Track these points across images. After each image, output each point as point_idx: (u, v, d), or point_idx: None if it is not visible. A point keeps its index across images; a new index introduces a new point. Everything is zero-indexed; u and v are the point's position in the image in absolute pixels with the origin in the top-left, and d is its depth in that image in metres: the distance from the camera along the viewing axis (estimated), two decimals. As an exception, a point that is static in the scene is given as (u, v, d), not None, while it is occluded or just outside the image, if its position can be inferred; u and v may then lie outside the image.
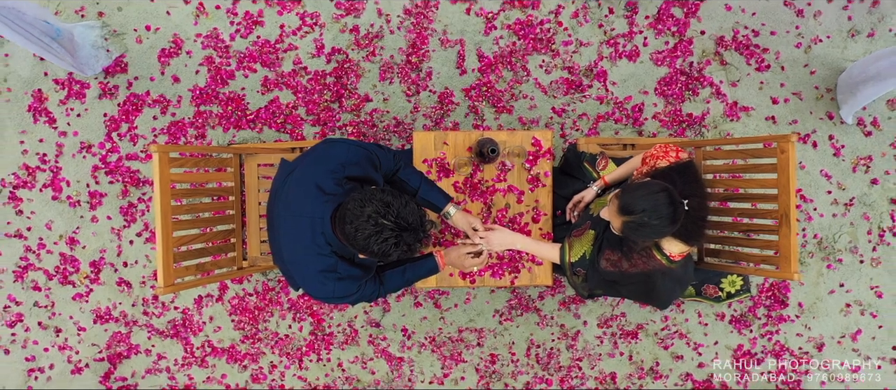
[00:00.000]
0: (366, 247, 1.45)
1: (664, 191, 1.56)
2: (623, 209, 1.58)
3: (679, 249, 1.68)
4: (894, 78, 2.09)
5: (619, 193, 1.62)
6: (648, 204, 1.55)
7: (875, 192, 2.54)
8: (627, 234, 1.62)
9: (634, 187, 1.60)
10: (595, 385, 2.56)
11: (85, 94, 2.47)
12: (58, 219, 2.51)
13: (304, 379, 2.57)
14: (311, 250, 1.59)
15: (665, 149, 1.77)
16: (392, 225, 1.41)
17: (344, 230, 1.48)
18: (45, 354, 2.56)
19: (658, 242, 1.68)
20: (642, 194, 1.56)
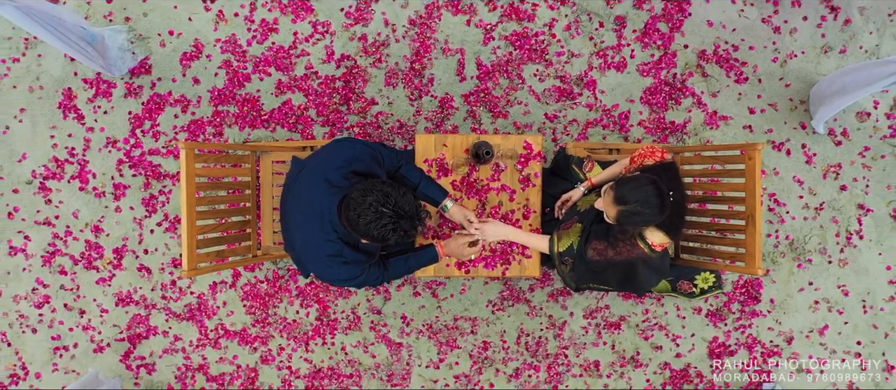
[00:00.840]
0: (367, 232, 1.64)
1: (653, 183, 1.76)
2: (618, 199, 1.77)
3: (660, 240, 1.87)
4: (857, 91, 2.28)
5: (613, 186, 1.82)
6: (641, 195, 1.74)
7: (844, 198, 2.73)
8: (622, 222, 1.81)
9: (628, 181, 1.80)
10: (580, 372, 2.76)
11: (111, 93, 2.67)
12: (84, 208, 2.71)
13: (310, 361, 2.76)
14: (320, 237, 1.79)
15: (652, 150, 1.96)
16: (390, 213, 1.61)
17: (348, 217, 1.67)
18: (69, 334, 2.75)
19: (642, 233, 1.87)
20: (635, 187, 1.76)
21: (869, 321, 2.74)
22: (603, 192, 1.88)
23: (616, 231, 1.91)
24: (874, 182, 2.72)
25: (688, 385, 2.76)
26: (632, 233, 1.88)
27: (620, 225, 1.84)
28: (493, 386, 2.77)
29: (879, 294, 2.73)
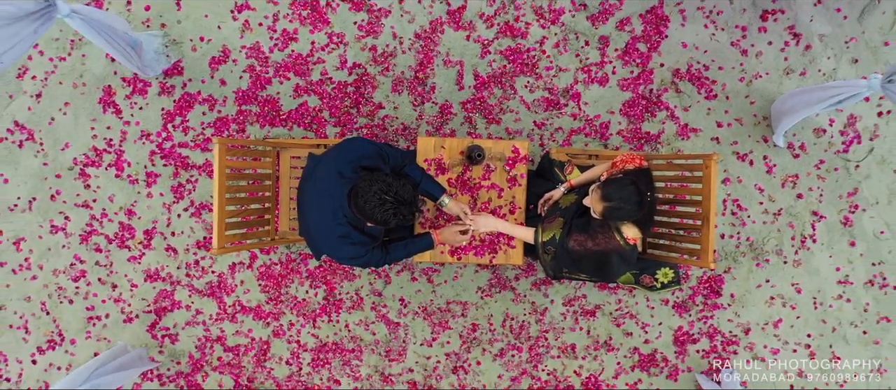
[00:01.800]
0: (372, 216, 1.96)
1: (634, 184, 2.07)
2: (604, 197, 2.08)
3: (634, 234, 2.18)
4: (803, 110, 2.59)
5: (600, 186, 2.12)
6: (624, 194, 2.05)
7: (800, 205, 3.04)
8: (606, 216, 2.12)
9: (613, 182, 2.10)
10: (558, 353, 3.07)
11: (147, 91, 2.99)
12: (119, 193, 3.02)
13: (317, 336, 3.08)
14: (332, 221, 2.10)
15: (632, 157, 2.27)
16: (392, 199, 1.92)
17: (356, 203, 1.99)
18: (102, 305, 3.06)
19: (619, 226, 2.18)
20: (619, 187, 2.07)
21: (819, 316, 3.05)
22: (591, 191, 2.18)
23: (596, 225, 2.22)
24: (827, 192, 3.03)
25: (654, 368, 3.07)
26: (610, 226, 2.19)
27: (605, 219, 2.14)
28: (480, 363, 3.09)
29: (829, 292, 3.04)
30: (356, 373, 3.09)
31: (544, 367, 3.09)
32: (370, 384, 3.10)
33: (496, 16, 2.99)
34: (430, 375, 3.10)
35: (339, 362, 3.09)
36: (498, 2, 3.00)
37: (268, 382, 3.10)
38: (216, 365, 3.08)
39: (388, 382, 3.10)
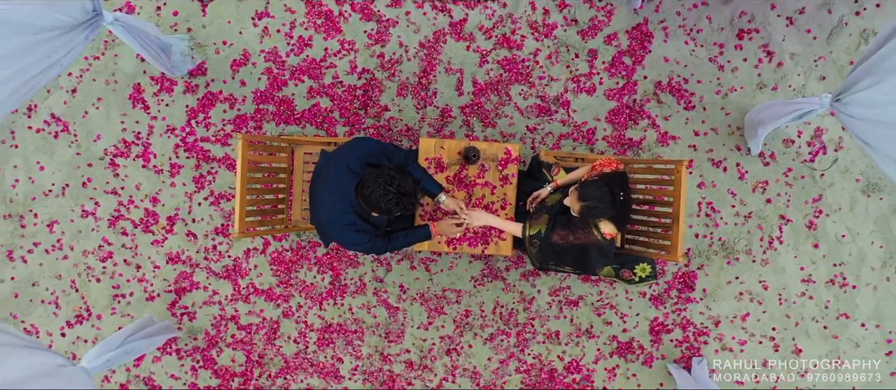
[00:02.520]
0: (376, 205, 2.23)
1: (607, 186, 2.34)
2: (581, 197, 2.35)
3: (610, 230, 2.45)
4: (770, 123, 2.86)
5: (577, 187, 2.39)
6: (598, 194, 2.32)
7: (769, 209, 3.31)
8: (583, 214, 2.39)
9: (589, 183, 2.38)
10: (543, 339, 3.35)
11: (173, 89, 3.27)
12: (145, 182, 3.30)
13: (323, 317, 3.35)
14: (340, 210, 2.38)
15: (609, 161, 2.54)
16: (394, 191, 2.20)
17: (363, 193, 2.26)
18: (127, 284, 3.34)
19: (597, 223, 2.45)
20: (594, 188, 2.34)
21: (783, 311, 3.32)
22: (570, 192, 2.46)
23: (576, 221, 2.49)
24: (794, 197, 3.30)
25: (631, 355, 3.35)
26: (589, 223, 2.46)
27: (582, 216, 2.42)
28: (472, 346, 3.37)
29: (793, 290, 3.32)
30: (358, 352, 3.37)
31: (530, 352, 3.36)
32: (370, 363, 3.38)
33: (494, 28, 3.27)
34: (425, 356, 3.37)
35: (342, 342, 3.37)
36: (496, 16, 3.27)
37: (277, 359, 3.38)
38: (230, 342, 3.36)
39: (387, 361, 3.38)
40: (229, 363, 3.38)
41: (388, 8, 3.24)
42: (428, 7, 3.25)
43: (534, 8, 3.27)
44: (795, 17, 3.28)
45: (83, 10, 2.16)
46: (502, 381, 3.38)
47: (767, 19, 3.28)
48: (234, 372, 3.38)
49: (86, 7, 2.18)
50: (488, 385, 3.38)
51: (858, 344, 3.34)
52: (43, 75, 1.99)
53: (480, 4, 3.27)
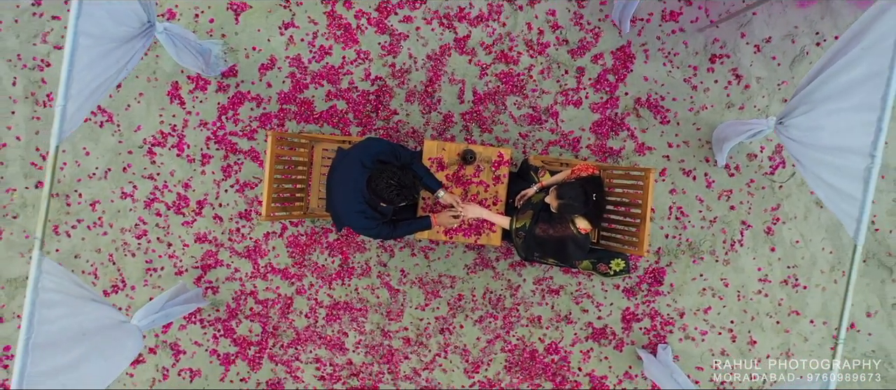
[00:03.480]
0: (382, 195, 2.64)
1: (582, 187, 2.75)
2: (559, 195, 2.75)
3: (584, 225, 2.85)
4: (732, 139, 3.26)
5: (557, 187, 2.80)
6: (573, 194, 2.73)
7: (732, 215, 3.72)
8: (560, 210, 2.79)
9: (566, 184, 2.78)
10: (526, 323, 3.76)
11: (206, 87, 3.68)
12: (178, 169, 3.71)
13: (331, 296, 3.77)
14: (353, 199, 2.78)
15: (586, 166, 2.95)
16: (396, 183, 2.61)
17: (371, 186, 2.67)
18: (158, 259, 3.75)
19: (573, 219, 2.85)
20: (570, 188, 2.74)
21: (741, 306, 3.73)
22: (551, 191, 2.87)
23: (556, 217, 2.90)
24: (755, 205, 3.71)
25: (604, 340, 3.76)
26: (566, 218, 2.87)
27: (559, 212, 2.82)
28: (463, 326, 3.78)
29: (750, 287, 3.73)
30: (361, 328, 3.79)
31: (514, 333, 3.77)
32: (372, 338, 3.79)
33: (494, 45, 3.68)
34: (421, 333, 3.79)
35: (348, 318, 3.78)
36: (496, 34, 3.68)
37: (289, 331, 3.79)
38: (248, 314, 3.77)
39: (387, 337, 3.79)
40: (247, 333, 3.79)
41: (401, 23, 3.65)
42: (436, 24, 3.66)
43: (530, 28, 3.68)
44: (762, 45, 3.69)
45: (140, 21, 2.57)
46: (489, 359, 3.79)
47: (737, 46, 3.69)
48: (250, 341, 3.79)
49: (141, 19, 2.59)
50: (476, 361, 3.79)
51: (807, 339, 3.75)
52: (114, 78, 2.40)
53: (482, 23, 3.68)
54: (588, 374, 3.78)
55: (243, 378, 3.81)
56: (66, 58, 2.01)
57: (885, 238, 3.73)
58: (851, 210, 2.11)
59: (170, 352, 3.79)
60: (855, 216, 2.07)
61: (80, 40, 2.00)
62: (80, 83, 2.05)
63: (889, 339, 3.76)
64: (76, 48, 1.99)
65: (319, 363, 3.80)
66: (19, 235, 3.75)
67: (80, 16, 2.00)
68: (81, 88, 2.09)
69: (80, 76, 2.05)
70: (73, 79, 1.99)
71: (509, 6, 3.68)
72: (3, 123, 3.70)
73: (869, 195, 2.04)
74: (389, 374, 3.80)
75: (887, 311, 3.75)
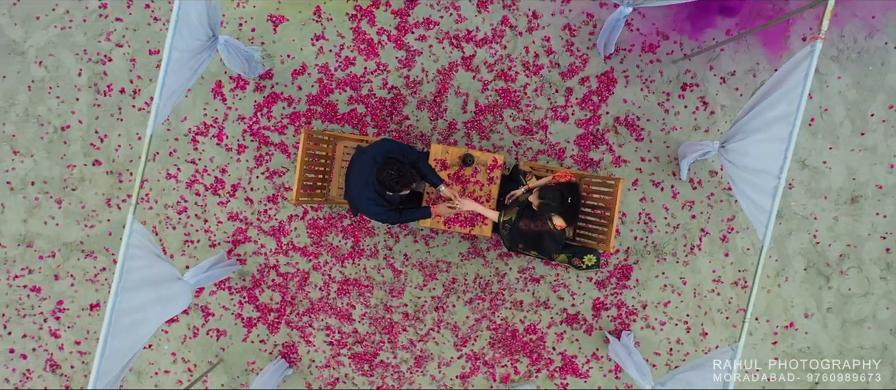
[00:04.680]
0: (386, 183, 3.21)
1: (559, 191, 3.32)
2: (540, 196, 3.32)
3: (560, 222, 3.41)
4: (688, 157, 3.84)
5: (539, 189, 3.37)
6: (552, 195, 3.30)
7: (693, 223, 4.30)
8: (540, 208, 3.37)
9: (547, 187, 3.36)
10: (510, 306, 4.34)
11: (246, 87, 4.26)
12: (217, 156, 4.30)
13: (343, 273, 4.35)
14: (365, 189, 3.36)
15: (566, 174, 3.52)
16: (395, 174, 3.17)
17: (379, 177, 3.25)
18: (195, 233, 4.34)
19: (551, 216, 3.43)
20: (549, 191, 3.32)
21: (696, 303, 4.31)
22: (533, 192, 3.45)
23: (536, 214, 3.47)
24: (713, 216, 4.29)
25: (576, 324, 4.34)
26: (545, 216, 3.44)
27: (539, 210, 3.40)
28: (455, 306, 4.36)
29: (705, 286, 4.30)
30: (367, 302, 4.37)
31: (499, 315, 4.36)
32: (376, 311, 4.38)
33: (495, 64, 4.26)
34: (418, 310, 4.37)
35: (356, 293, 4.36)
36: (498, 55, 4.26)
37: (304, 301, 4.37)
38: (270, 285, 4.36)
39: (389, 311, 4.38)
40: (268, 301, 4.37)
41: (416, 41, 4.24)
42: (446, 43, 4.24)
43: (527, 51, 4.26)
44: (728, 78, 4.27)
45: (207, 35, 3.16)
46: (475, 335, 4.37)
47: (706, 77, 4.27)
48: (271, 308, 4.38)
49: (208, 33, 3.17)
50: (465, 337, 4.38)
51: (751, 333, 4.33)
52: (188, 81, 2.98)
53: (486, 45, 4.26)
54: (560, 353, 4.36)
55: (263, 339, 4.40)
56: (163, 67, 2.60)
57: (824, 250, 4.31)
58: (763, 218, 2.69)
59: (201, 314, 4.38)
60: (764, 222, 2.65)
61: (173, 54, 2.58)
62: (170, 87, 2.63)
63: (822, 338, 4.33)
64: (170, 61, 2.57)
65: (329, 330, 4.39)
66: (76, 205, 4.34)
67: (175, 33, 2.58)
68: (170, 91, 2.68)
69: (169, 82, 2.63)
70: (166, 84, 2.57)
71: (510, 31, 4.26)
72: (68, 108, 4.30)
73: (775, 206, 2.62)
74: (389, 344, 4.39)
75: (822, 314, 4.33)
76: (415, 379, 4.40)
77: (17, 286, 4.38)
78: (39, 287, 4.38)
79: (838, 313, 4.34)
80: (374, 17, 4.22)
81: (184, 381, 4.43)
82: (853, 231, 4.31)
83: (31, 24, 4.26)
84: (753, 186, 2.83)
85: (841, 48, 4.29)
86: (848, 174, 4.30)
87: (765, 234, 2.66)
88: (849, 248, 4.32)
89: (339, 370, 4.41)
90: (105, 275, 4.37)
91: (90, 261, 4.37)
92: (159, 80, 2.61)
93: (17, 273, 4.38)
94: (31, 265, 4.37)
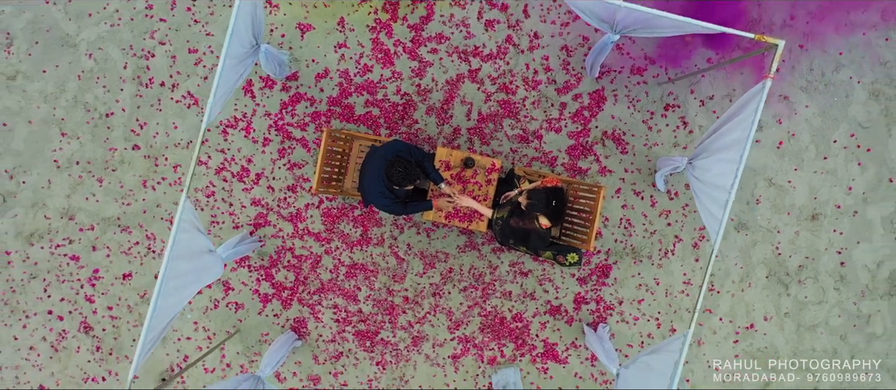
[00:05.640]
0: (396, 181, 3.69)
1: (546, 194, 3.80)
2: (528, 197, 3.80)
3: (545, 222, 3.89)
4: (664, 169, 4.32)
5: (529, 191, 3.86)
6: (539, 197, 3.78)
7: (668, 230, 4.78)
8: (528, 208, 3.85)
9: (536, 190, 3.84)
10: (499, 295, 4.83)
11: (273, 86, 4.75)
12: (244, 147, 4.79)
13: (351, 258, 4.84)
14: (376, 183, 3.83)
15: (553, 180, 4.00)
16: (402, 170, 3.65)
17: (388, 174, 3.73)
18: (221, 215, 4.83)
19: (537, 216, 3.91)
20: (537, 193, 3.79)
21: (668, 302, 4.80)
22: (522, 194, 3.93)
23: (525, 213, 3.95)
24: (687, 225, 4.77)
25: (559, 315, 4.83)
26: (532, 215, 3.92)
27: (527, 210, 3.88)
28: (450, 293, 4.85)
29: (676, 287, 4.79)
30: (372, 285, 4.86)
31: (490, 303, 4.84)
32: (379, 294, 4.87)
33: (498, 78, 4.75)
34: (418, 295, 4.86)
35: (362, 276, 4.85)
36: (501, 70, 4.75)
37: (316, 281, 4.86)
38: (285, 265, 4.85)
39: (391, 294, 4.87)
40: (283, 279, 4.86)
41: (429, 53, 4.72)
42: (455, 57, 4.73)
43: (527, 68, 4.74)
44: (706, 101, 4.75)
45: (251, 43, 3.65)
46: (467, 320, 4.86)
47: (687, 100, 4.75)
48: (285, 286, 4.86)
49: (251, 41, 3.66)
50: (458, 321, 4.86)
51: (715, 332, 4.81)
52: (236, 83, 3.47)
53: (491, 60, 4.74)
54: (543, 341, 4.85)
55: (276, 314, 4.89)
56: (219, 73, 3.09)
57: (784, 261, 4.80)
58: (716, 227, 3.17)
59: (222, 288, 4.87)
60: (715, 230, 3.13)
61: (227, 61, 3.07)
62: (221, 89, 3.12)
63: (779, 340, 4.82)
64: (225, 67, 3.06)
65: (336, 309, 4.87)
66: (115, 185, 4.83)
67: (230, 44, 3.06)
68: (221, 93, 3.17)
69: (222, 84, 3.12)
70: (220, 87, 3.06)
71: (513, 49, 4.75)
72: (113, 97, 4.79)
73: (725, 217, 3.10)
74: (389, 323, 4.88)
75: (780, 318, 4.81)
76: (411, 356, 4.89)
77: (58, 254, 4.88)
78: (78, 256, 4.87)
79: (794, 318, 4.82)
80: (391, 30, 4.71)
81: (203, 348, 4.92)
82: (812, 245, 4.80)
83: (84, 20, 4.75)
84: (712, 199, 3.31)
85: (810, 80, 4.77)
86: (810, 193, 4.78)
87: (715, 240, 3.15)
88: (807, 260, 4.80)
89: (344, 345, 4.90)
90: (138, 248, 4.86)
91: (125, 235, 4.86)
92: (214, 82, 3.09)
93: (59, 242, 4.87)
94: (71, 236, 4.87)
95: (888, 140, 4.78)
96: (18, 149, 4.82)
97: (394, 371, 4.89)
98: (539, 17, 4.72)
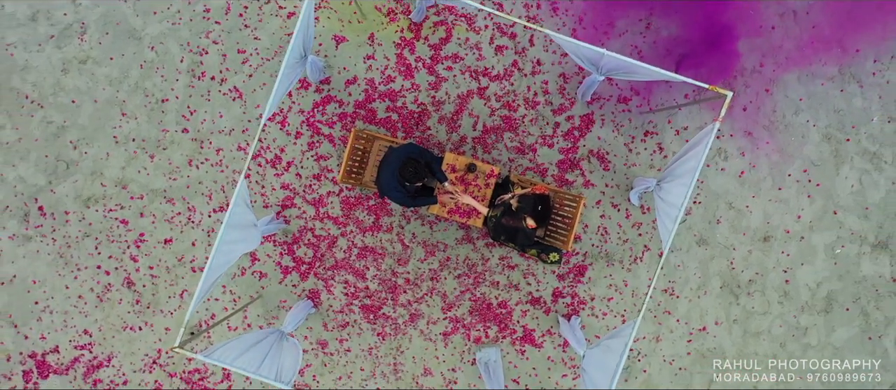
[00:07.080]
0: (407, 178, 4.42)
1: (534, 199, 4.55)
2: (519, 201, 4.54)
3: (531, 223, 4.63)
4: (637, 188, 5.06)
5: (520, 196, 4.60)
6: (527, 201, 4.52)
7: (639, 240, 5.52)
8: (517, 210, 4.58)
9: (526, 195, 4.58)
10: (488, 285, 5.57)
11: (309, 88, 5.49)
12: (279, 138, 5.52)
13: (363, 241, 5.58)
14: (391, 179, 4.57)
15: (542, 187, 4.75)
16: (413, 170, 4.39)
17: (400, 171, 4.46)
18: (253, 195, 5.56)
19: (525, 217, 4.64)
20: (527, 198, 4.53)
21: (633, 302, 5.55)
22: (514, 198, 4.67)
23: (515, 214, 4.69)
24: (655, 236, 5.51)
25: (538, 306, 5.57)
26: (520, 216, 4.66)
27: (516, 211, 4.62)
28: (446, 279, 5.60)
29: (641, 290, 5.53)
30: (379, 266, 5.60)
31: (479, 290, 5.59)
32: (384, 274, 5.61)
33: (503, 96, 5.48)
34: (418, 277, 5.61)
35: (371, 258, 5.60)
36: (505, 89, 5.48)
37: (331, 259, 5.60)
38: (305, 243, 5.59)
39: (394, 276, 5.61)
40: (303, 255, 5.61)
41: (445, 70, 5.46)
42: (467, 75, 5.47)
43: (529, 90, 5.48)
44: (682, 131, 5.49)
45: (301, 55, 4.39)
46: (459, 303, 5.61)
47: (664, 129, 5.49)
48: (304, 261, 5.61)
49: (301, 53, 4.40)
50: (451, 304, 5.61)
51: (672, 331, 5.56)
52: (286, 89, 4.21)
53: (498, 80, 5.48)
54: (523, 326, 5.60)
55: (295, 284, 5.63)
56: (280, 78, 3.83)
57: (737, 275, 5.54)
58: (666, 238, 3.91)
59: (248, 258, 5.62)
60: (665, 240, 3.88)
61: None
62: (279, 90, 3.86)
63: (726, 342, 5.56)
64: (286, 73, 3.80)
65: (346, 284, 5.62)
66: (165, 161, 5.58)
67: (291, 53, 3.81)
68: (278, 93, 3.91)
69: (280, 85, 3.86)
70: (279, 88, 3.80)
71: (518, 73, 5.49)
72: (169, 86, 5.53)
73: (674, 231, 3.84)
74: (391, 300, 5.63)
75: (729, 324, 5.56)
76: (408, 330, 5.64)
77: (110, 217, 5.62)
78: (127, 220, 5.62)
79: (742, 324, 5.57)
80: (414, 48, 5.45)
81: (228, 308, 5.67)
82: (762, 263, 5.54)
83: (149, 17, 5.50)
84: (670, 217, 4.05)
85: (772, 120, 5.51)
86: (764, 218, 5.52)
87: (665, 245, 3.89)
88: (757, 276, 5.54)
89: (350, 316, 5.64)
90: (180, 218, 5.61)
91: (169, 206, 5.60)
92: (277, 84, 3.83)
93: (111, 207, 5.61)
94: (123, 202, 5.61)
95: (835, 178, 5.52)
96: (83, 124, 5.57)
97: (392, 342, 5.64)
98: (542, 46, 5.46)
